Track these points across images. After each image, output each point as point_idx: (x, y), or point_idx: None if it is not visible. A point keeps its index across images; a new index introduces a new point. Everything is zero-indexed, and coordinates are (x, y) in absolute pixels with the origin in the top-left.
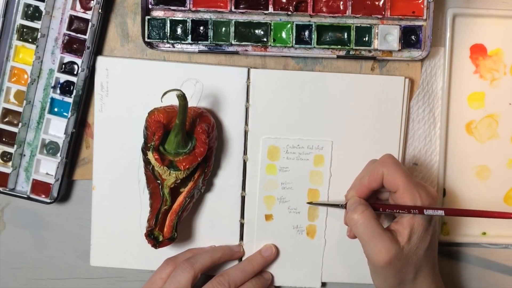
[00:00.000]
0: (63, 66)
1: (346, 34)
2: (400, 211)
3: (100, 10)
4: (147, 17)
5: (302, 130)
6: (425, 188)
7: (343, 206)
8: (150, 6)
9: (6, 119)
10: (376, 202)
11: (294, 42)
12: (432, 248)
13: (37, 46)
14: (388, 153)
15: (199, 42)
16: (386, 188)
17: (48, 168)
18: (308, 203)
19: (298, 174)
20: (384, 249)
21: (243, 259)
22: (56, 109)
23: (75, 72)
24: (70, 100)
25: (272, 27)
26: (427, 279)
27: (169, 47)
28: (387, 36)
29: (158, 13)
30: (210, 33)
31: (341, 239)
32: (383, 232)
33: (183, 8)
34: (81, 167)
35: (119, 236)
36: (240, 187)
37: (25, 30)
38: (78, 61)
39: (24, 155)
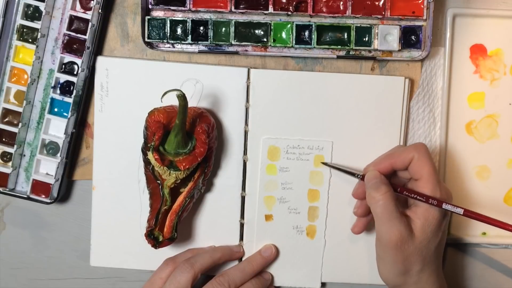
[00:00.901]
0: (63, 66)
1: (346, 34)
2: (419, 198)
3: (100, 10)
4: (147, 17)
5: (302, 130)
6: (446, 187)
7: (359, 176)
8: (150, 6)
9: (6, 119)
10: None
11: (294, 42)
12: (441, 247)
13: (37, 46)
14: (422, 143)
15: (199, 42)
16: (410, 173)
17: (48, 168)
18: (323, 163)
19: (298, 175)
20: (399, 232)
21: (243, 259)
22: (56, 109)
23: (75, 72)
24: (70, 100)
25: (272, 27)
26: (432, 276)
27: (169, 47)
28: (387, 36)
29: (158, 13)
30: (210, 33)
31: (341, 239)
32: (400, 216)
33: (183, 8)
34: (81, 167)
35: (119, 236)
36: (240, 187)
37: (25, 30)
38: (78, 61)
39: (24, 155)
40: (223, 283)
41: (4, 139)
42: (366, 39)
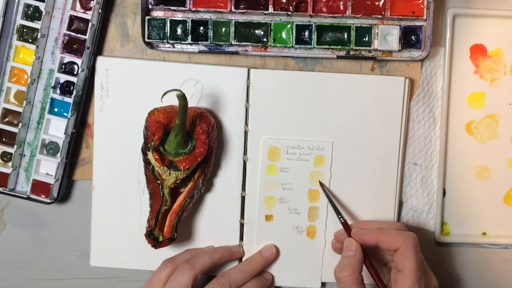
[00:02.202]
0: (63, 66)
1: (346, 34)
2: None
3: (100, 10)
4: (147, 17)
5: (303, 130)
6: (430, 280)
7: (341, 220)
8: (150, 6)
9: (6, 119)
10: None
11: (294, 42)
12: None
13: (37, 46)
14: (413, 234)
15: (199, 42)
16: (394, 260)
17: (48, 168)
18: (320, 182)
19: (298, 175)
20: None
21: (243, 259)
22: (56, 109)
23: (75, 72)
24: (70, 100)
25: (272, 27)
26: None
27: (169, 47)
28: (387, 36)
29: (158, 13)
30: (210, 33)
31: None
32: None
33: (183, 8)
34: (81, 167)
35: (119, 236)
36: (240, 187)
37: (25, 30)
38: (78, 61)
39: (24, 155)
40: (224, 284)
41: (4, 139)
42: (366, 39)
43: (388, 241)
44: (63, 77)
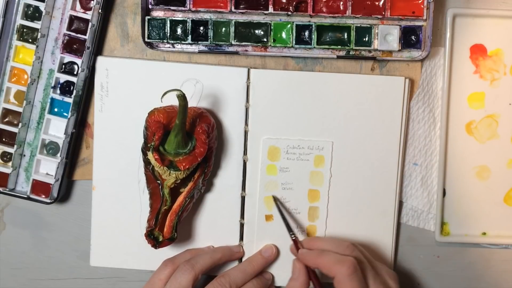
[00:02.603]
0: (63, 66)
1: (346, 34)
2: None
3: (100, 10)
4: (147, 17)
5: (302, 130)
6: None
7: (293, 236)
8: (150, 6)
9: (6, 119)
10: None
11: (294, 42)
12: None
13: (37, 46)
14: (351, 260)
15: (199, 42)
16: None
17: (48, 168)
18: (274, 198)
19: (298, 175)
20: None
21: (244, 259)
22: (56, 109)
23: (75, 72)
24: (70, 100)
25: (272, 27)
26: None
27: (169, 47)
28: (387, 36)
29: (158, 13)
30: (210, 33)
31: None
32: None
33: (183, 8)
34: (81, 167)
35: (119, 236)
36: (240, 187)
37: (25, 30)
38: (78, 61)
39: (24, 155)
40: (224, 284)
41: (4, 139)
42: (366, 39)
43: (325, 267)
44: (63, 77)
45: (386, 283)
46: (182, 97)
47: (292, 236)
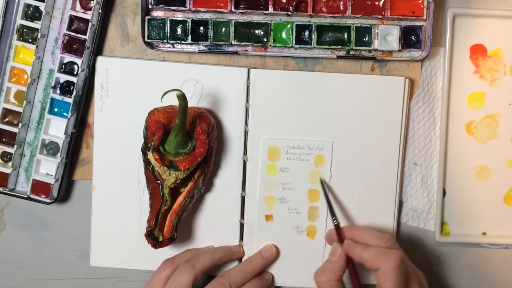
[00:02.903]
0: (63, 66)
1: (346, 34)
2: None
3: (100, 10)
4: (147, 17)
5: (302, 130)
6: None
7: (335, 222)
8: (150, 6)
9: (6, 119)
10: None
11: (294, 42)
12: None
13: (37, 46)
14: (397, 252)
15: (199, 42)
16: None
17: (48, 168)
18: (321, 180)
19: (298, 175)
20: None
21: (243, 259)
22: (56, 109)
23: (75, 72)
24: (70, 100)
25: (272, 27)
26: None
27: (169, 47)
28: (387, 36)
29: (158, 13)
30: (210, 33)
31: None
32: None
33: (183, 8)
34: (81, 167)
35: (119, 236)
36: (240, 187)
37: (25, 30)
38: (78, 61)
39: (24, 155)
40: (224, 284)
41: (4, 139)
42: (366, 39)
43: (369, 260)
44: (63, 77)
45: (421, 281)
46: (182, 97)
47: (335, 221)
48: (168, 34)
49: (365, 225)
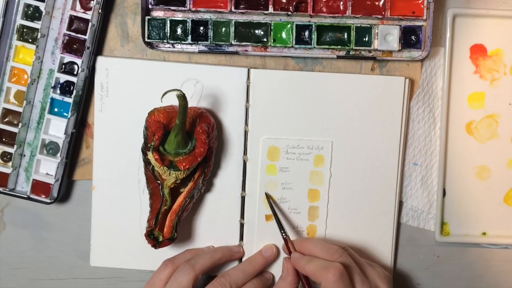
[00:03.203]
0: (63, 66)
1: (346, 34)
2: None
3: (100, 10)
4: (147, 17)
5: (302, 130)
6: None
7: (284, 235)
8: (150, 6)
9: (6, 119)
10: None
11: (294, 42)
12: None
13: (37, 46)
14: (337, 266)
15: (199, 42)
16: None
17: (48, 168)
18: (267, 195)
19: (298, 174)
20: None
21: (244, 259)
22: (56, 109)
23: (75, 72)
24: (70, 100)
25: (272, 27)
26: None
27: (169, 47)
28: (387, 36)
29: (158, 13)
30: (210, 33)
31: (341, 239)
32: None
33: (183, 8)
34: (81, 167)
35: (119, 236)
36: (240, 187)
37: (25, 30)
38: (78, 61)
39: (24, 155)
40: (224, 284)
41: (4, 139)
42: (366, 39)
43: (313, 274)
44: (63, 77)
45: (376, 287)
46: (182, 97)
47: (284, 234)
48: (168, 34)
49: (316, 237)
